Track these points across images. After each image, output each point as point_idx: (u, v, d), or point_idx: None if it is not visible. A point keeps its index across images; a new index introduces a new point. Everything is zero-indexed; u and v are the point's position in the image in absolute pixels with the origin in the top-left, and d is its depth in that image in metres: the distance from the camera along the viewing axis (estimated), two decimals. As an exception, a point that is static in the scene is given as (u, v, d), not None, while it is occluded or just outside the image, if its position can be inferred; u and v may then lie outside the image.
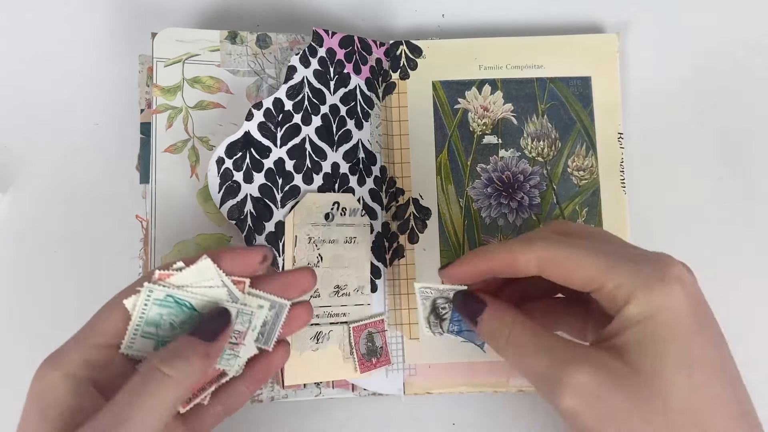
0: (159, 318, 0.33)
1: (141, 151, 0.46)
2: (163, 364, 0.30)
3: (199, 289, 0.34)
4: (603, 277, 0.32)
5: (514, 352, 0.33)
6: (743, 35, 0.52)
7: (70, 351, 0.31)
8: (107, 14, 0.51)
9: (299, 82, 0.45)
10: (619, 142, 0.49)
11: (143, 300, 0.33)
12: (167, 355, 0.30)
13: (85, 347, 0.31)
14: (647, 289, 0.31)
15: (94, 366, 0.31)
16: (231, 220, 0.42)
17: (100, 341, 0.32)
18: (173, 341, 0.32)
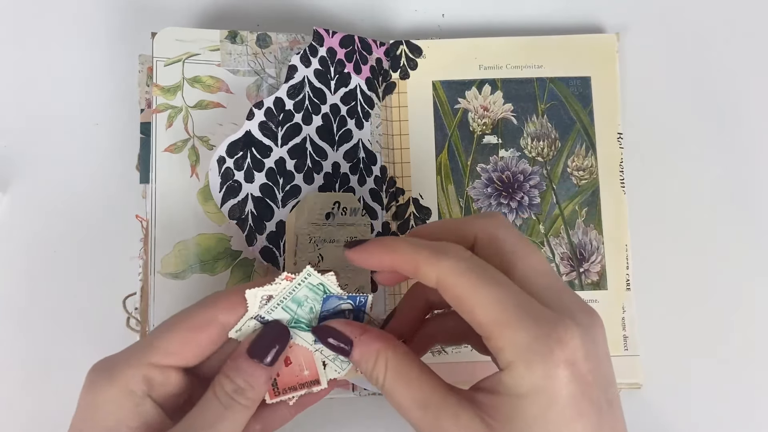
0: (304, 299, 0.33)
1: (141, 150, 0.46)
2: (237, 395, 0.31)
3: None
4: (490, 330, 0.28)
5: (391, 399, 0.31)
6: (743, 35, 0.52)
7: (128, 367, 0.31)
8: (107, 14, 0.51)
9: (300, 82, 0.45)
10: (619, 142, 0.49)
11: (300, 279, 0.33)
12: (238, 383, 0.31)
13: (144, 365, 0.31)
14: (529, 364, 0.27)
15: (152, 384, 0.31)
16: (232, 220, 0.42)
17: (160, 360, 0.32)
18: (235, 362, 0.32)
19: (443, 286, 0.30)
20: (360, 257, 0.33)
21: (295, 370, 0.35)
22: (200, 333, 0.32)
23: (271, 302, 0.33)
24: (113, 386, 0.31)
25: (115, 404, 0.30)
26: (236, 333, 0.33)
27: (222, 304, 0.33)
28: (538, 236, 0.48)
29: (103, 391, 0.31)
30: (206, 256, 0.44)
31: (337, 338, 0.33)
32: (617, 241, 0.47)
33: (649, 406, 0.47)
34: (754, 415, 0.47)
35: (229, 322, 0.32)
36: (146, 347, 0.32)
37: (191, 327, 0.32)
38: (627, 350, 0.46)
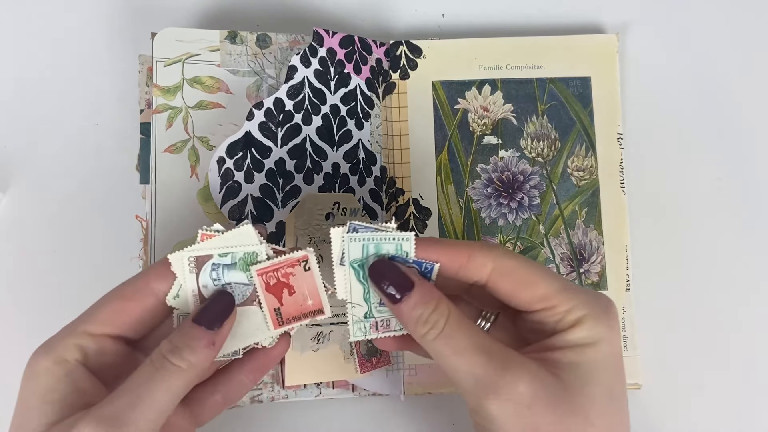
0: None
1: (141, 151, 0.46)
2: (171, 355, 0.30)
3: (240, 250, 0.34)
4: (556, 298, 0.32)
5: (447, 346, 0.31)
6: (743, 35, 0.52)
7: (62, 338, 0.32)
8: (107, 14, 0.51)
9: (300, 82, 0.45)
10: (619, 143, 0.49)
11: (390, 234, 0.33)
12: (175, 343, 0.31)
13: (77, 334, 0.32)
14: (595, 319, 0.32)
15: (86, 353, 0.32)
16: (232, 220, 0.42)
17: (93, 329, 0.32)
18: (179, 328, 0.32)
19: (499, 272, 0.33)
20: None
21: (299, 299, 0.34)
22: (131, 301, 0.32)
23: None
24: (48, 356, 0.31)
25: (49, 373, 0.31)
26: (174, 300, 0.33)
27: (153, 272, 0.33)
28: (538, 236, 0.48)
29: (38, 362, 0.31)
30: (206, 257, 0.44)
31: (398, 279, 0.32)
32: (617, 242, 0.48)
33: (649, 406, 0.47)
34: (754, 415, 0.47)
35: (162, 289, 0.33)
36: (80, 318, 0.32)
37: (123, 296, 0.32)
38: (627, 350, 0.46)
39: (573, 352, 0.32)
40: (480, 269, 0.33)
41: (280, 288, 0.34)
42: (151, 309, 0.33)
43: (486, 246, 0.33)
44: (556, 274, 0.34)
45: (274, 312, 0.34)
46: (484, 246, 0.33)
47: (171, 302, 0.33)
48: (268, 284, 0.33)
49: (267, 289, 0.33)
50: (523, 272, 0.33)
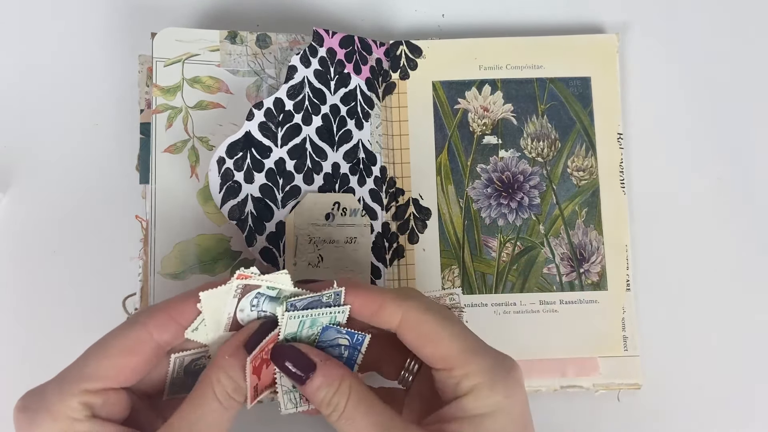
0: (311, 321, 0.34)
1: (141, 151, 0.46)
2: (236, 393, 0.31)
3: None
4: (455, 360, 0.32)
5: (348, 427, 0.31)
6: (743, 35, 0.52)
7: (63, 399, 0.30)
8: (107, 14, 0.51)
9: (300, 82, 0.45)
10: (619, 143, 0.49)
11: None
12: (237, 381, 0.31)
13: (77, 393, 0.30)
14: (491, 387, 0.32)
15: (93, 407, 0.31)
16: (232, 221, 0.42)
17: (93, 386, 0.31)
18: (232, 366, 0.32)
19: (408, 323, 0.33)
20: None
21: (272, 369, 0.34)
22: (134, 356, 0.32)
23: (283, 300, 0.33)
24: (55, 421, 0.30)
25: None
26: (192, 333, 0.33)
27: (153, 322, 0.32)
28: (538, 236, 0.48)
29: (45, 427, 0.30)
30: (206, 257, 0.44)
31: (300, 361, 0.32)
32: (617, 242, 0.47)
33: (649, 406, 0.47)
34: (754, 415, 0.47)
35: (164, 339, 0.32)
36: (77, 375, 0.31)
37: (124, 350, 0.31)
38: (627, 350, 0.46)
39: (470, 423, 0.31)
40: (389, 319, 0.33)
41: (261, 365, 0.33)
42: (151, 359, 0.32)
43: (400, 296, 0.34)
44: (468, 334, 0.33)
45: (254, 389, 0.33)
46: (399, 296, 0.34)
47: (189, 335, 0.33)
48: (254, 366, 0.32)
49: (253, 371, 0.32)
50: (429, 328, 0.33)
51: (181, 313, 0.32)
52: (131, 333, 0.32)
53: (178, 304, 0.32)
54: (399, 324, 0.33)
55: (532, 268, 0.47)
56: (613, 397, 0.46)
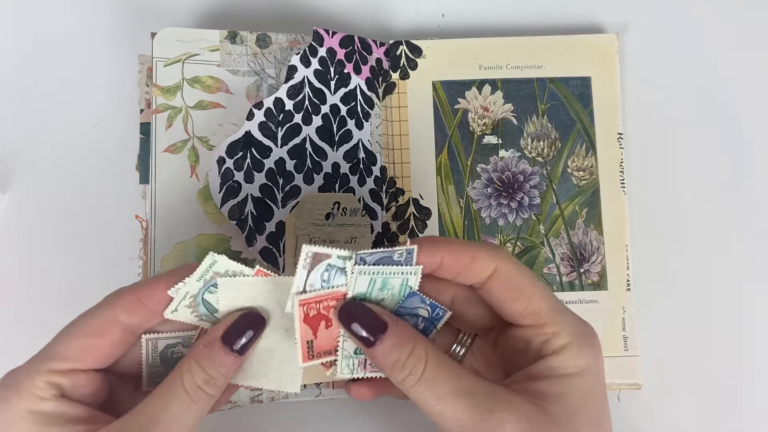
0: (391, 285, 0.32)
1: (141, 151, 0.46)
2: (208, 386, 0.30)
3: None
4: (546, 317, 0.32)
5: (429, 392, 0.30)
6: (743, 34, 0.52)
7: (30, 378, 0.30)
8: (107, 14, 0.51)
9: (300, 82, 0.45)
10: (619, 142, 0.49)
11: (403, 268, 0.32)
12: (210, 373, 0.30)
13: (44, 372, 0.30)
14: (581, 347, 0.32)
15: (61, 388, 0.30)
16: (232, 220, 0.42)
17: (59, 366, 0.30)
18: (208, 353, 0.30)
19: (501, 276, 0.32)
20: None
21: (334, 334, 0.32)
22: (101, 338, 0.31)
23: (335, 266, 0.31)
24: (22, 398, 0.29)
25: (30, 414, 0.29)
26: (173, 314, 0.32)
27: (120, 304, 0.31)
28: (539, 236, 0.48)
29: (13, 404, 0.30)
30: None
31: (369, 320, 0.31)
32: (617, 241, 0.47)
33: (649, 406, 0.46)
34: (754, 415, 0.47)
35: (131, 323, 0.31)
36: (44, 355, 0.31)
37: (91, 332, 0.31)
38: (627, 350, 0.46)
39: (559, 382, 0.31)
40: (481, 271, 0.32)
41: (318, 320, 0.31)
42: (120, 342, 0.31)
43: (492, 248, 0.33)
44: (552, 294, 0.33)
45: (306, 344, 0.31)
46: (490, 248, 0.33)
47: (168, 315, 0.32)
48: (307, 315, 0.31)
49: (305, 320, 0.31)
50: (521, 282, 0.32)
51: (149, 297, 0.31)
52: (99, 315, 0.31)
53: (147, 288, 0.31)
54: (491, 277, 0.32)
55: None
56: (613, 397, 0.46)
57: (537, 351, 0.32)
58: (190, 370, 0.30)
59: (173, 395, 0.29)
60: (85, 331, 0.31)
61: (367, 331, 0.30)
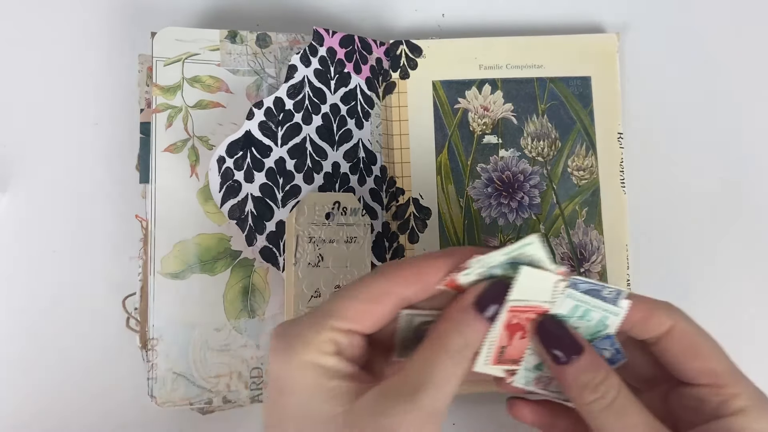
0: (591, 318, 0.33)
1: (141, 150, 0.46)
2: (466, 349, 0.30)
3: None
4: (726, 378, 0.32)
5: (618, 421, 0.30)
6: (743, 34, 0.52)
7: (316, 332, 0.31)
8: (107, 14, 0.51)
9: (300, 81, 0.45)
10: (619, 142, 0.49)
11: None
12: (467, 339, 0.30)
13: (328, 329, 0.31)
14: (760, 410, 0.31)
15: (339, 346, 0.31)
16: (232, 220, 0.42)
17: (342, 326, 0.31)
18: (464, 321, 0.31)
19: (678, 333, 0.32)
20: None
21: (524, 344, 0.33)
22: (377, 305, 0.31)
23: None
24: (308, 351, 0.30)
25: (315, 365, 0.30)
26: (464, 276, 0.31)
27: (396, 276, 0.32)
28: (538, 236, 0.47)
29: (298, 355, 0.30)
30: (206, 256, 0.44)
31: (566, 340, 0.32)
32: (617, 241, 0.47)
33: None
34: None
35: (404, 294, 0.32)
36: (328, 314, 0.31)
37: (368, 298, 0.31)
38: (627, 350, 0.46)
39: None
40: (657, 327, 0.32)
41: (516, 329, 0.32)
42: (390, 311, 0.32)
43: (667, 305, 0.33)
44: (727, 354, 0.33)
45: (499, 349, 0.32)
46: (666, 305, 0.33)
47: (462, 281, 0.31)
48: (510, 322, 0.32)
49: (507, 326, 0.32)
50: (699, 340, 0.32)
51: (426, 271, 0.32)
52: (376, 284, 0.32)
53: (425, 262, 0.32)
54: (666, 333, 0.32)
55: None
56: (614, 397, 0.46)
57: (713, 411, 0.32)
58: (448, 334, 0.30)
59: (437, 358, 0.30)
60: (364, 297, 0.31)
61: (562, 350, 0.32)
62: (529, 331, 0.32)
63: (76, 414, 0.46)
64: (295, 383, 0.30)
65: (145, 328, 0.44)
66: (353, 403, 0.29)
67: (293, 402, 0.30)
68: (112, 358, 0.46)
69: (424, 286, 0.32)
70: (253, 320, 0.44)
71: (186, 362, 0.43)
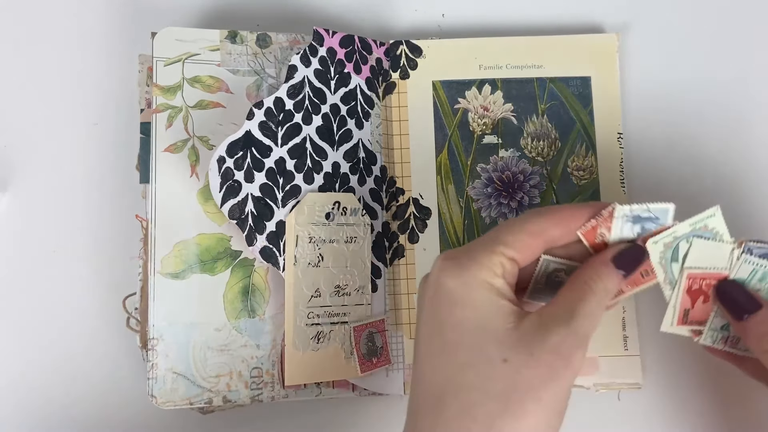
0: None
1: (141, 150, 0.46)
2: (606, 294, 0.33)
3: None
4: None
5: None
6: (743, 34, 0.52)
7: (489, 255, 0.33)
8: (107, 14, 0.51)
9: (300, 82, 0.45)
10: (619, 142, 0.49)
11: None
12: (607, 285, 0.34)
13: (497, 253, 0.33)
14: None
15: (504, 270, 0.34)
16: (232, 220, 0.42)
17: (508, 253, 0.34)
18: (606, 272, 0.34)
19: None
20: None
21: (708, 308, 0.36)
22: (536, 239, 0.34)
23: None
24: (481, 269, 0.33)
25: (488, 282, 0.33)
26: (653, 245, 0.35)
27: (552, 218, 0.35)
28: (538, 236, 0.48)
29: (472, 272, 0.33)
30: (206, 256, 0.44)
31: (744, 297, 0.35)
32: (617, 241, 0.47)
33: (649, 406, 0.46)
34: (756, 414, 0.47)
35: (554, 234, 0.35)
36: (496, 240, 0.34)
37: (532, 232, 0.34)
38: (627, 350, 0.46)
39: None
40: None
41: (698, 294, 0.36)
42: (542, 247, 0.35)
43: None
44: None
45: (683, 311, 0.36)
46: None
47: (649, 246, 0.35)
48: (690, 288, 0.35)
49: (688, 291, 0.35)
50: None
51: (572, 218, 0.35)
52: (537, 221, 0.35)
53: (573, 209, 0.35)
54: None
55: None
56: (614, 397, 0.46)
57: None
58: (593, 278, 0.34)
59: (585, 295, 0.33)
60: (528, 230, 0.34)
61: (741, 306, 0.35)
62: (711, 295, 0.36)
63: (77, 414, 0.46)
64: (469, 298, 0.33)
65: (145, 328, 0.44)
66: (520, 322, 0.32)
67: (468, 315, 0.32)
68: (112, 358, 0.46)
69: (569, 229, 0.35)
70: (253, 320, 0.44)
71: (186, 362, 0.43)
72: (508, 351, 0.31)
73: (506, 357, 0.31)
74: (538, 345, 0.31)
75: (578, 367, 0.32)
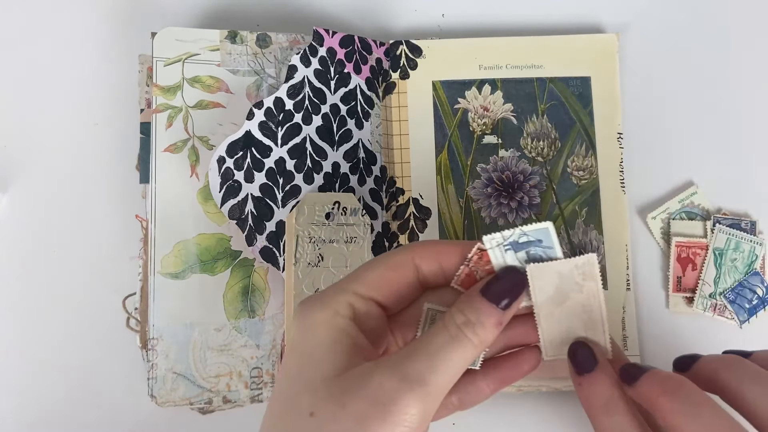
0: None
1: (141, 150, 0.46)
2: (465, 327, 0.31)
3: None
4: None
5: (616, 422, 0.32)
6: (743, 34, 0.52)
7: (335, 294, 0.32)
8: (107, 14, 0.51)
9: (300, 82, 0.45)
10: (619, 142, 0.49)
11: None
12: (468, 316, 0.31)
13: (348, 293, 0.32)
14: None
15: (356, 312, 0.32)
16: (232, 220, 0.42)
17: (362, 291, 0.32)
18: (469, 299, 0.32)
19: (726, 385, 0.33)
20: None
21: (697, 275, 0.39)
22: (394, 272, 0.33)
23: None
24: (324, 310, 0.31)
25: (326, 325, 0.31)
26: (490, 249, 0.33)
27: (419, 250, 0.33)
28: (538, 236, 0.47)
29: (314, 313, 0.31)
30: (206, 256, 0.44)
31: (584, 353, 0.34)
32: (617, 241, 0.47)
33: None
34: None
35: (423, 268, 0.33)
36: (351, 279, 0.33)
37: (389, 265, 0.33)
38: (627, 350, 0.46)
39: None
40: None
41: (687, 263, 0.40)
42: (409, 284, 0.33)
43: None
44: None
45: (676, 279, 0.39)
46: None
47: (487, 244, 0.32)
48: (679, 256, 0.40)
49: (677, 259, 0.39)
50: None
51: (443, 254, 0.33)
52: (399, 254, 0.33)
53: (447, 247, 0.33)
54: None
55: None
56: (614, 397, 0.46)
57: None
58: (450, 314, 0.31)
59: (434, 333, 0.31)
60: (385, 264, 0.33)
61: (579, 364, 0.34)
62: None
63: (77, 414, 0.46)
64: (302, 342, 0.31)
65: (145, 328, 0.44)
66: (351, 369, 0.29)
67: (293, 362, 0.30)
68: (112, 358, 0.46)
69: (439, 266, 0.33)
70: (253, 320, 0.44)
71: (186, 362, 0.43)
72: (318, 402, 0.28)
73: (314, 410, 0.28)
74: (352, 393, 0.28)
75: (408, 417, 0.28)
